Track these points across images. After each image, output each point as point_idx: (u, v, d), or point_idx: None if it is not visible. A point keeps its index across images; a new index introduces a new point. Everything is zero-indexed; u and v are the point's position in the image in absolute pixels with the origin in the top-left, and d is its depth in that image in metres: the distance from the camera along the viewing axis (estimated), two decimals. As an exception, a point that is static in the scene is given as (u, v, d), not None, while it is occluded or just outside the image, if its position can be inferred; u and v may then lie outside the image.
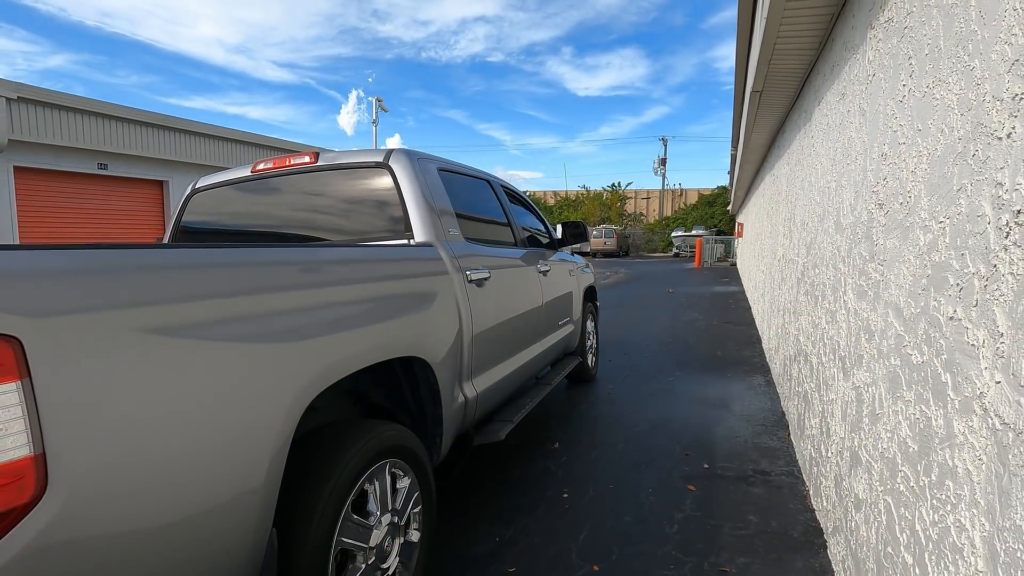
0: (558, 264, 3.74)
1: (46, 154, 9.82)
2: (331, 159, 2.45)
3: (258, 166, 2.60)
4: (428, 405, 2.07)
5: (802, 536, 2.27)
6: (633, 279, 15.05)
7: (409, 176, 2.30)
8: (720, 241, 22.40)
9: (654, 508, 2.54)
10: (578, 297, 4.18)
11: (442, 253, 2.22)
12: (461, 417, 2.25)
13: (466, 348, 2.24)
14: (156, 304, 1.06)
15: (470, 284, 2.31)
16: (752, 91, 3.93)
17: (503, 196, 3.30)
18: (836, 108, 2.41)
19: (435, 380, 1.99)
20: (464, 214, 2.60)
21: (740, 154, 7.87)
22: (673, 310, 8.98)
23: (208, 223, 2.72)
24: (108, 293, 1.00)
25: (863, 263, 1.81)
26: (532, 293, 3.08)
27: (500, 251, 2.81)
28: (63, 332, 0.91)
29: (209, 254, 1.26)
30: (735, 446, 3.25)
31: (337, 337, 1.49)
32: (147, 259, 1.11)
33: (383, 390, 2.10)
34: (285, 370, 1.29)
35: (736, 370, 5.04)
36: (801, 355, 3.08)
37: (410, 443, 1.78)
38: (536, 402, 3.04)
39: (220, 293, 1.20)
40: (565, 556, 2.18)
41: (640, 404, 4.09)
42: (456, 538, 2.33)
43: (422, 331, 1.91)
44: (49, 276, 0.93)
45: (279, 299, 1.35)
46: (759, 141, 6.01)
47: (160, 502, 1.02)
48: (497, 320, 2.54)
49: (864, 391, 1.73)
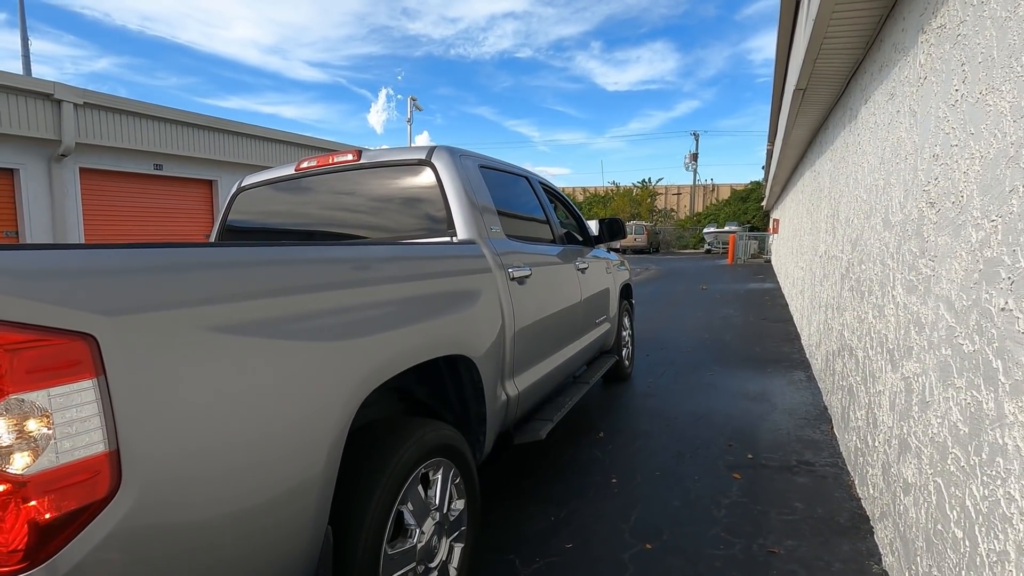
0: (595, 261, 3.75)
1: (107, 156, 10.41)
2: (373, 157, 2.47)
3: (301, 164, 2.64)
4: (472, 404, 2.08)
5: (848, 522, 2.36)
6: (665, 275, 15.00)
7: (451, 173, 2.30)
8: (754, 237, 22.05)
9: (701, 494, 2.65)
10: (615, 294, 4.18)
11: (485, 250, 2.22)
12: (503, 415, 2.26)
13: (508, 346, 2.24)
14: (220, 302, 1.09)
15: (512, 282, 2.31)
16: (795, 89, 3.96)
17: (541, 193, 3.31)
18: (885, 108, 2.47)
19: (479, 378, 2.00)
20: (505, 211, 2.60)
21: (777, 150, 7.82)
22: (707, 306, 8.97)
23: (253, 221, 2.77)
24: (177, 291, 1.02)
25: (913, 259, 1.89)
26: (571, 291, 3.08)
27: (540, 248, 2.81)
28: (136, 330, 0.93)
29: (268, 252, 1.28)
30: (778, 438, 3.32)
31: (390, 334, 1.51)
32: (212, 257, 1.14)
33: (427, 388, 2.11)
34: (343, 367, 1.32)
35: (776, 366, 5.08)
36: (845, 350, 3.14)
37: (458, 442, 1.81)
38: (575, 401, 3.05)
39: (279, 291, 1.22)
40: (618, 535, 2.31)
41: (680, 397, 4.19)
42: (513, 515, 2.49)
43: (467, 329, 1.91)
44: (122, 275, 0.96)
45: (333, 297, 1.37)
46: (799, 137, 5.99)
47: (227, 494, 1.05)
48: (538, 318, 2.54)
49: (914, 381, 1.82)
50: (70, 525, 0.85)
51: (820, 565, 2.06)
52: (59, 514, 0.84)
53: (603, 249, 4.21)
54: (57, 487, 0.84)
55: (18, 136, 9.22)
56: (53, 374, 0.84)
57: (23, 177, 9.54)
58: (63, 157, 9.78)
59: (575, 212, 3.94)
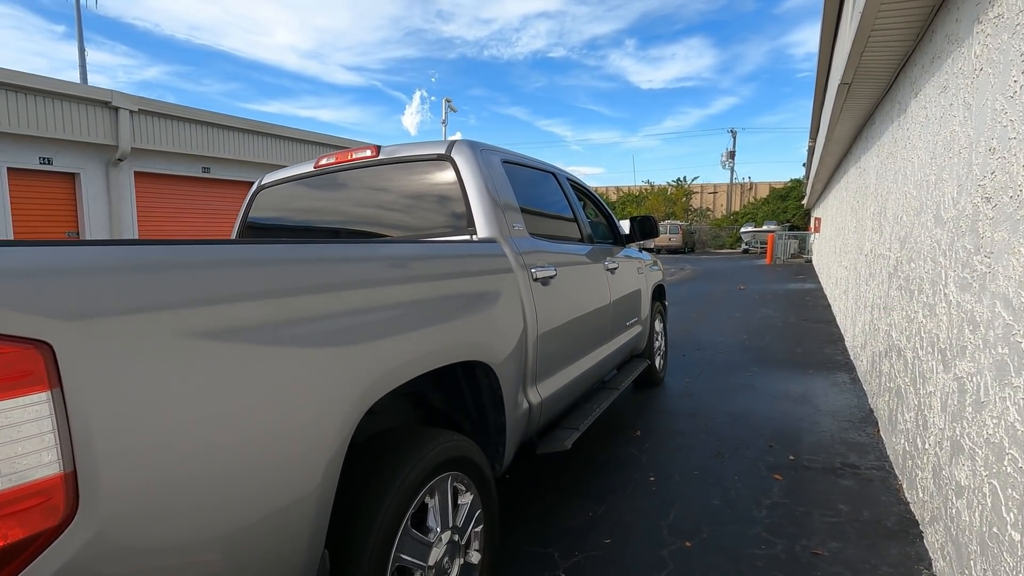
0: (626, 261, 3.60)
1: (160, 160, 10.94)
2: (392, 152, 2.40)
3: (320, 161, 2.57)
4: (490, 412, 1.97)
5: (896, 526, 2.30)
6: (701, 275, 14.75)
7: (472, 169, 2.21)
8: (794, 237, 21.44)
9: (741, 494, 2.62)
10: (646, 296, 4.03)
11: (506, 249, 2.12)
12: (525, 424, 2.15)
13: (531, 351, 2.14)
14: (201, 305, 0.97)
15: (535, 283, 2.21)
16: (840, 83, 3.87)
17: (569, 189, 3.18)
18: (937, 101, 2.40)
19: (498, 386, 1.89)
20: (529, 208, 2.50)
21: (820, 146, 7.60)
22: (746, 307, 8.79)
23: (272, 219, 2.72)
24: (150, 293, 0.91)
25: (967, 256, 1.83)
26: (599, 292, 2.96)
27: (566, 247, 2.69)
28: (99, 337, 0.82)
29: (256, 250, 1.16)
30: (821, 440, 3.26)
31: (397, 340, 1.41)
32: (191, 256, 1.01)
33: (443, 395, 2.01)
34: (341, 376, 1.21)
35: (818, 367, 4.95)
36: (893, 350, 3.05)
37: (473, 455, 1.68)
38: (603, 408, 2.91)
39: (271, 292, 1.11)
40: (656, 532, 2.32)
41: (719, 397, 4.13)
42: (552, 510, 2.52)
43: (485, 333, 1.81)
44: (85, 274, 0.85)
45: (335, 299, 1.26)
46: (843, 133, 5.82)
47: (205, 520, 0.94)
48: (563, 321, 2.42)
49: (968, 381, 1.77)
50: (16, 557, 0.76)
51: (866, 568, 2.02)
52: (3, 544, 0.74)
53: (635, 248, 4.10)
54: (1, 514, 0.74)
55: (79, 142, 9.77)
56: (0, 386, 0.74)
57: (83, 181, 10.10)
58: (119, 161, 10.32)
59: (605, 210, 3.81)
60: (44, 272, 0.81)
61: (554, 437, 2.46)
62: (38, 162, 9.57)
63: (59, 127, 9.46)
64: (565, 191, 3.09)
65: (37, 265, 0.81)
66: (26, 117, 9.10)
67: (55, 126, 9.42)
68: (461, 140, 2.30)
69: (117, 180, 10.42)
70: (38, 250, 0.84)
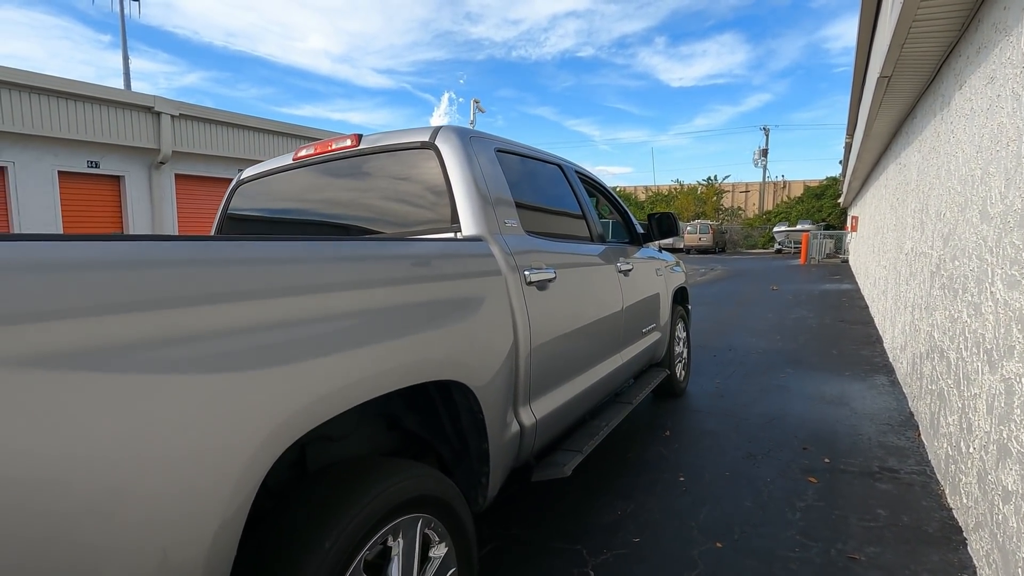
0: (643, 262, 3.32)
1: (199, 163, 11.35)
2: (374, 141, 2.19)
3: (300, 153, 2.39)
4: (471, 438, 1.71)
5: (938, 532, 2.23)
6: (732, 275, 14.48)
7: (458, 158, 1.98)
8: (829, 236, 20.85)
9: (774, 495, 2.57)
10: (666, 299, 3.72)
11: (494, 249, 1.88)
12: (515, 449, 1.90)
13: (523, 365, 1.88)
14: (30, 321, 0.73)
15: (529, 287, 1.96)
16: (880, 77, 3.75)
17: (577, 183, 2.91)
18: (983, 92, 2.31)
19: (479, 408, 1.64)
20: (527, 203, 2.28)
21: (857, 143, 7.38)
22: (779, 307, 8.60)
23: (251, 216, 2.54)
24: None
25: (1016, 252, 1.77)
26: (610, 296, 2.69)
27: (571, 247, 2.44)
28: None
29: (128, 248, 0.90)
30: (858, 443, 3.17)
31: (334, 360, 1.14)
32: (25, 254, 0.77)
33: (418, 417, 1.75)
34: (242, 411, 0.95)
35: (855, 369, 4.81)
36: (935, 351, 2.95)
37: (444, 492, 1.40)
38: (613, 426, 2.65)
39: (144, 303, 0.86)
40: (686, 531, 2.29)
41: (751, 398, 4.06)
42: (581, 507, 2.52)
43: (460, 347, 1.55)
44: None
45: (241, 311, 0.99)
46: (882, 128, 5.64)
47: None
48: (564, 330, 2.17)
49: (1016, 382, 1.70)
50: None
51: (906, 575, 1.97)
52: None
53: (654, 248, 3.80)
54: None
55: (123, 146, 10.19)
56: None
57: (128, 183, 10.53)
58: (161, 164, 10.73)
59: (620, 206, 3.52)
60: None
61: (552, 461, 2.22)
62: (86, 165, 10.03)
63: (105, 132, 9.90)
64: (572, 185, 2.84)
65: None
66: (75, 122, 9.54)
67: (101, 131, 9.85)
68: (447, 126, 2.08)
69: (159, 182, 10.83)
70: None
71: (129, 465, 0.80)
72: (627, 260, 3.05)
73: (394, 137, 2.14)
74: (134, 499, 0.80)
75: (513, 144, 2.43)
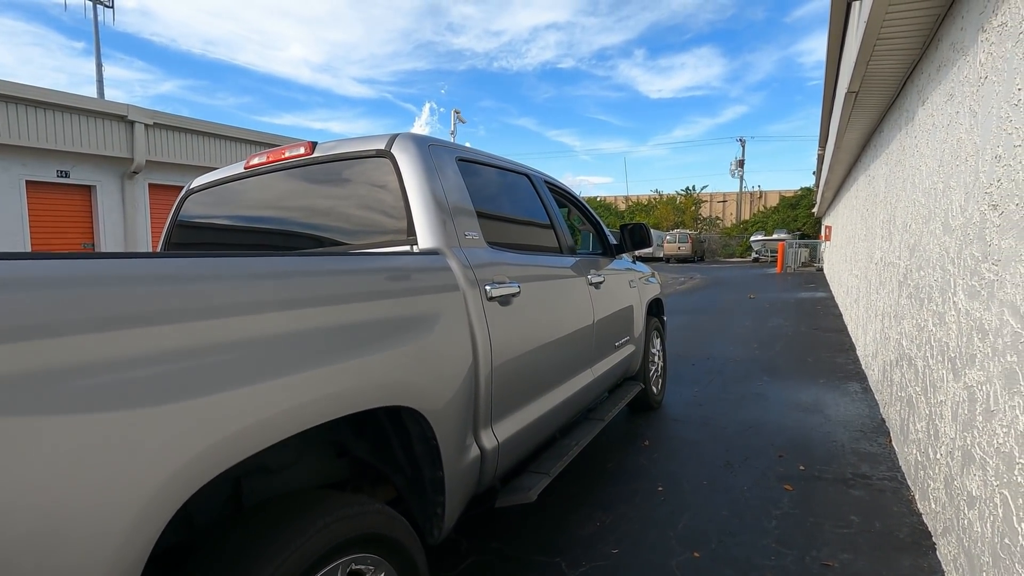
0: (615, 274, 3.26)
1: (174, 172, 11.15)
2: (328, 149, 2.09)
3: (252, 161, 2.27)
4: (425, 466, 1.60)
5: (908, 537, 2.27)
6: (711, 284, 14.68)
7: (415, 167, 1.90)
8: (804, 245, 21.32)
9: (750, 504, 2.60)
10: (640, 311, 3.65)
11: (452, 263, 1.79)
12: (475, 476, 1.79)
13: (483, 386, 1.79)
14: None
15: (491, 302, 1.88)
16: (847, 92, 3.87)
17: (546, 193, 2.82)
18: (943, 109, 2.40)
19: (432, 435, 1.54)
20: (490, 213, 2.20)
21: (829, 154, 7.58)
22: (756, 316, 8.74)
23: (199, 229, 2.42)
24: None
25: (975, 264, 1.83)
26: (580, 309, 2.61)
27: (538, 259, 2.36)
28: None
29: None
30: (832, 450, 3.22)
31: (255, 391, 1.02)
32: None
33: (367, 443, 1.63)
34: (131, 454, 0.83)
35: (829, 376, 4.91)
36: (904, 359, 3.03)
37: (391, 528, 1.29)
38: (583, 445, 2.58)
39: (10, 332, 0.75)
40: (665, 542, 2.30)
41: (729, 407, 4.11)
42: (561, 519, 2.51)
43: (411, 370, 1.45)
44: None
45: (131, 339, 0.88)
46: (852, 141, 5.81)
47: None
48: (529, 347, 2.08)
49: (977, 390, 1.75)
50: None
51: (878, 580, 2.00)
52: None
53: (628, 260, 3.74)
54: None
55: (95, 155, 9.97)
56: None
57: (99, 193, 10.29)
58: (134, 174, 10.51)
59: (592, 217, 3.46)
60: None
61: (518, 486, 2.12)
62: (56, 175, 9.78)
63: (76, 141, 9.67)
64: (541, 195, 2.75)
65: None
66: (44, 131, 9.31)
67: (72, 140, 9.62)
68: (404, 133, 2.00)
69: (132, 192, 10.61)
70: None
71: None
72: (599, 272, 2.99)
73: (349, 145, 2.05)
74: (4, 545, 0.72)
75: (477, 153, 2.35)
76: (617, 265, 3.39)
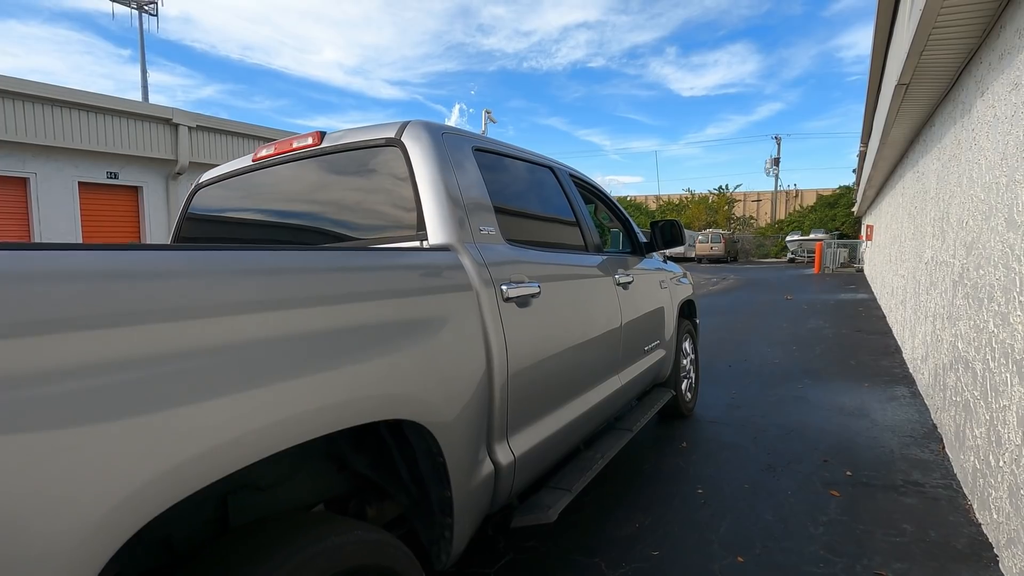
0: (645, 274, 3.09)
1: (213, 173, 11.54)
2: (337, 139, 1.98)
3: (260, 152, 2.18)
4: (431, 484, 1.45)
5: (967, 548, 2.17)
6: (745, 285, 14.36)
7: (426, 156, 1.77)
8: (843, 245, 20.66)
9: (795, 509, 2.52)
10: (671, 314, 3.45)
11: (465, 260, 1.65)
12: (488, 494, 1.65)
13: (498, 395, 1.64)
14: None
15: (507, 303, 1.73)
16: (897, 84, 3.72)
17: (571, 188, 2.67)
18: (1007, 99, 2.28)
19: (439, 451, 1.39)
20: (509, 208, 2.07)
21: (872, 151, 7.31)
22: (794, 317, 8.50)
23: (209, 223, 2.34)
24: None
25: (1046, 261, 1.73)
26: (606, 311, 2.45)
27: (561, 257, 2.21)
28: None
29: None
30: (880, 456, 3.10)
31: (220, 405, 0.89)
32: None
33: (368, 458, 1.49)
34: (78, 469, 0.72)
35: (874, 380, 4.73)
36: (959, 362, 2.89)
37: (391, 559, 1.16)
38: (609, 457, 2.42)
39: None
40: (707, 545, 2.25)
41: (768, 409, 4.00)
42: (599, 519, 2.49)
43: (415, 378, 1.31)
44: None
45: (81, 344, 0.76)
46: (899, 136, 5.59)
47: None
48: (550, 352, 1.93)
49: (1048, 394, 1.66)
50: None
51: (935, 592, 1.91)
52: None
53: (658, 259, 3.55)
54: None
55: (142, 157, 10.37)
56: None
57: (146, 193, 10.71)
58: (179, 175, 10.90)
59: (620, 214, 3.29)
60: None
61: (536, 503, 1.97)
62: (105, 176, 10.21)
63: (124, 143, 10.08)
64: (566, 189, 2.60)
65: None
66: (95, 134, 9.73)
67: (121, 142, 10.04)
68: (416, 120, 1.87)
69: (176, 193, 11.00)
70: None
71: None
72: (627, 272, 2.82)
73: (359, 134, 1.92)
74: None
75: (496, 143, 2.20)
76: (647, 264, 3.23)
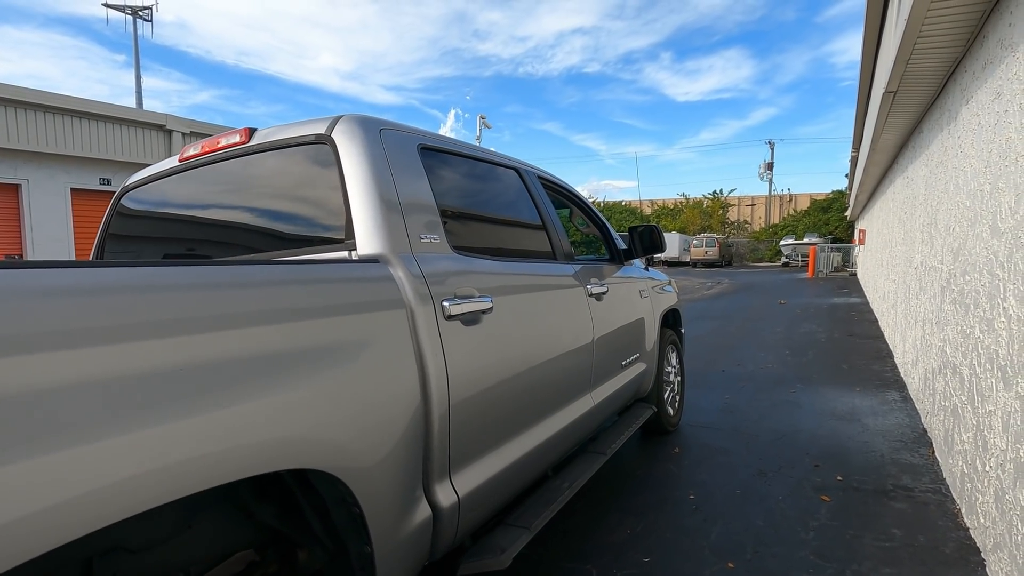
0: (622, 283, 2.90)
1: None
2: (266, 136, 1.79)
3: (187, 152, 2.00)
4: (348, 538, 1.25)
5: (955, 552, 2.18)
6: (739, 289, 14.43)
7: (359, 155, 1.58)
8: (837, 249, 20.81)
9: (786, 514, 2.54)
10: (652, 324, 3.25)
11: (398, 272, 1.46)
12: (426, 543, 1.45)
13: (437, 429, 1.45)
14: None
15: (450, 321, 1.54)
16: (885, 92, 3.77)
17: (539, 191, 2.46)
18: (990, 108, 2.31)
19: (355, 501, 1.18)
20: (460, 212, 1.88)
21: (863, 156, 7.38)
22: (787, 322, 8.54)
23: (134, 229, 2.15)
24: None
25: (1028, 268, 1.75)
26: (576, 325, 2.25)
27: (521, 267, 2.02)
28: None
29: None
30: (870, 460, 3.12)
31: (40, 464, 0.71)
32: None
33: (274, 507, 1.27)
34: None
35: (866, 384, 4.76)
36: (948, 367, 2.92)
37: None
38: (579, 486, 2.21)
39: None
40: (698, 551, 2.26)
41: (761, 414, 4.02)
42: (592, 525, 2.49)
43: (320, 418, 1.10)
44: None
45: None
46: (888, 142, 5.64)
47: None
48: (504, 375, 1.73)
49: (1031, 399, 1.68)
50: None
51: (923, 596, 1.93)
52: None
53: (639, 266, 3.37)
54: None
55: (135, 163, 10.34)
56: None
57: (138, 200, 10.67)
58: (171, 181, 10.87)
59: (597, 218, 3.10)
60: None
61: (488, 545, 1.72)
62: (98, 183, 10.18)
63: (117, 149, 10.06)
64: (532, 192, 2.40)
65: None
66: (88, 141, 9.71)
67: (114, 148, 10.01)
68: (350, 115, 1.68)
69: (169, 199, 10.97)
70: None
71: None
72: (602, 281, 2.63)
73: (289, 130, 1.74)
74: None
75: (450, 142, 2.01)
76: (626, 273, 3.04)
